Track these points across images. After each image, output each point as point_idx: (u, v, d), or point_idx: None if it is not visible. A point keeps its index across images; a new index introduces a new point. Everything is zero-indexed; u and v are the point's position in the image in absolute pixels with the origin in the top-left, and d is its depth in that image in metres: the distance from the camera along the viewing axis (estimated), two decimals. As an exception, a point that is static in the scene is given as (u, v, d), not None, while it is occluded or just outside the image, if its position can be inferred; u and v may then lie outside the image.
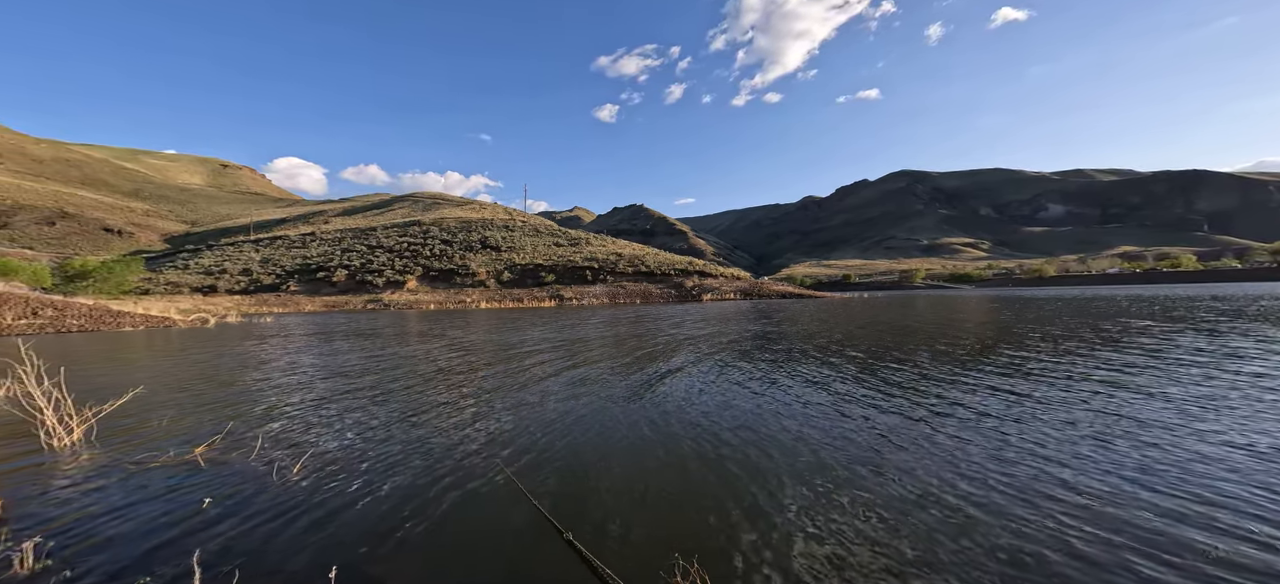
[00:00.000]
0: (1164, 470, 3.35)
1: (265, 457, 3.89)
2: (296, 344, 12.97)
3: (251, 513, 2.94)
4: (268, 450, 4.05)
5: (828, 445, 4.01)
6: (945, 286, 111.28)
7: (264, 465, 3.70)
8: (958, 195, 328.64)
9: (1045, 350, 8.94)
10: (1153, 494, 3.00)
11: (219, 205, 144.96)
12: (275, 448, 4.14)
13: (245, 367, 8.92)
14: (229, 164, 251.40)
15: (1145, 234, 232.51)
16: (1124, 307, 21.42)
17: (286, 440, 4.35)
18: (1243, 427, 4.24)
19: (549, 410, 5.33)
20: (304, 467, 3.64)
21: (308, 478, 3.44)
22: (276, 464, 3.70)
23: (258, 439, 4.32)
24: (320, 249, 68.69)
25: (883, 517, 2.78)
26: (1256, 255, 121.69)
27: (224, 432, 4.56)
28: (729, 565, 2.34)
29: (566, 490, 3.23)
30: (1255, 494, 2.95)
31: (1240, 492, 2.99)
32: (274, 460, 3.79)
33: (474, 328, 17.66)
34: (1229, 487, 3.06)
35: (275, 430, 4.67)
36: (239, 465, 3.73)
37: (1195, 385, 5.84)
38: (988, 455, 3.71)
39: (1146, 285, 68.07)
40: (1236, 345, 8.80)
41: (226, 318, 26.92)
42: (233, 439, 4.38)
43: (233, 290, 54.79)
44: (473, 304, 45.13)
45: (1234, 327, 11.81)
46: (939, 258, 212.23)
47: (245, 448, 4.12)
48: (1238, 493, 2.97)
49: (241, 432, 4.61)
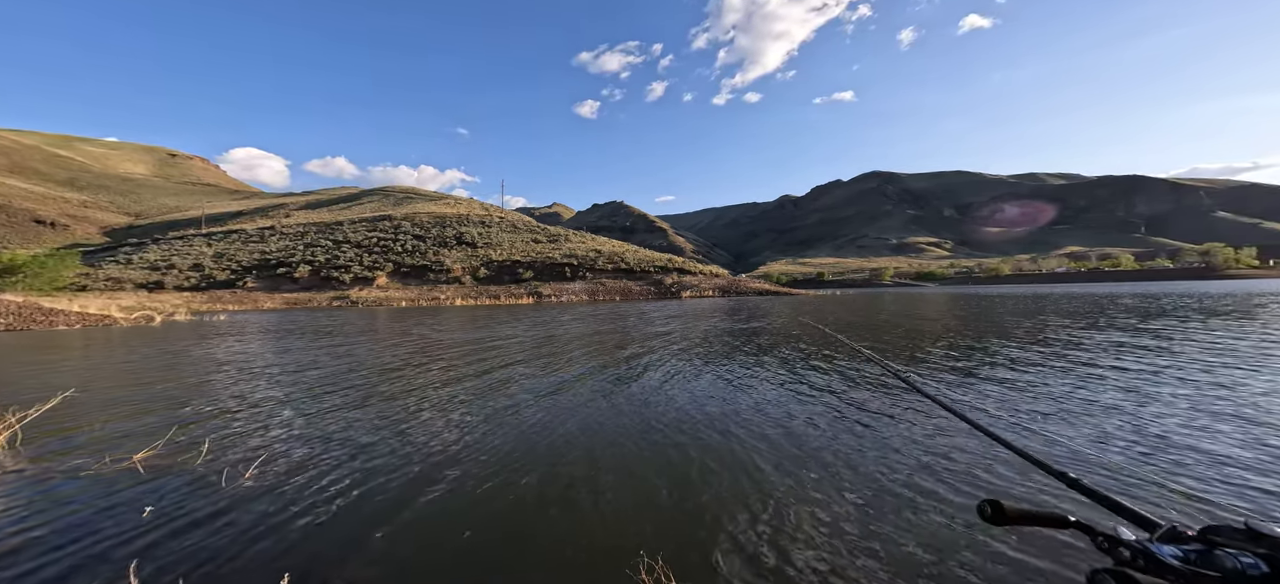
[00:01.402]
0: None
1: (214, 462, 3.65)
2: (251, 343, 12.27)
3: (197, 521, 2.75)
4: (217, 456, 3.80)
5: (799, 438, 4.11)
6: (912, 285, 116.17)
7: (212, 471, 3.47)
8: (924, 196, 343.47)
9: (984, 350, 9.46)
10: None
11: (166, 196, 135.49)
12: (225, 453, 3.89)
13: (193, 367, 8.36)
14: (178, 154, 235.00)
15: (1090, 235, 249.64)
16: (1062, 305, 22.93)
17: (238, 445, 4.09)
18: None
19: (522, 410, 5.24)
20: (257, 472, 3.43)
21: (261, 484, 3.25)
22: (226, 470, 3.47)
23: (205, 444, 4.05)
24: (281, 244, 65.19)
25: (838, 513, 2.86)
26: (1187, 256, 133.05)
27: (167, 436, 4.26)
28: (696, 561, 2.36)
29: (538, 491, 3.18)
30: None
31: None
32: (223, 466, 3.56)
33: (447, 326, 17.18)
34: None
35: (226, 434, 4.39)
36: (184, 471, 3.48)
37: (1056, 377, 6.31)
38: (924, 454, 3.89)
39: (1089, 283, 73.24)
40: (1117, 341, 9.56)
41: (174, 316, 25.21)
42: (177, 444, 4.09)
43: (182, 287, 51.34)
44: (447, 301, 43.92)
45: (1133, 324, 12.81)
46: (906, 257, 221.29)
47: (191, 453, 3.86)
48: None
49: (187, 436, 4.32)
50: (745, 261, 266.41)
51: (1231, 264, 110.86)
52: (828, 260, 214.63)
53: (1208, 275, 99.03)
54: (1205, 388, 5.54)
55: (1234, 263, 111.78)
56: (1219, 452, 3.58)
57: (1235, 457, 3.49)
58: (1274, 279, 78.83)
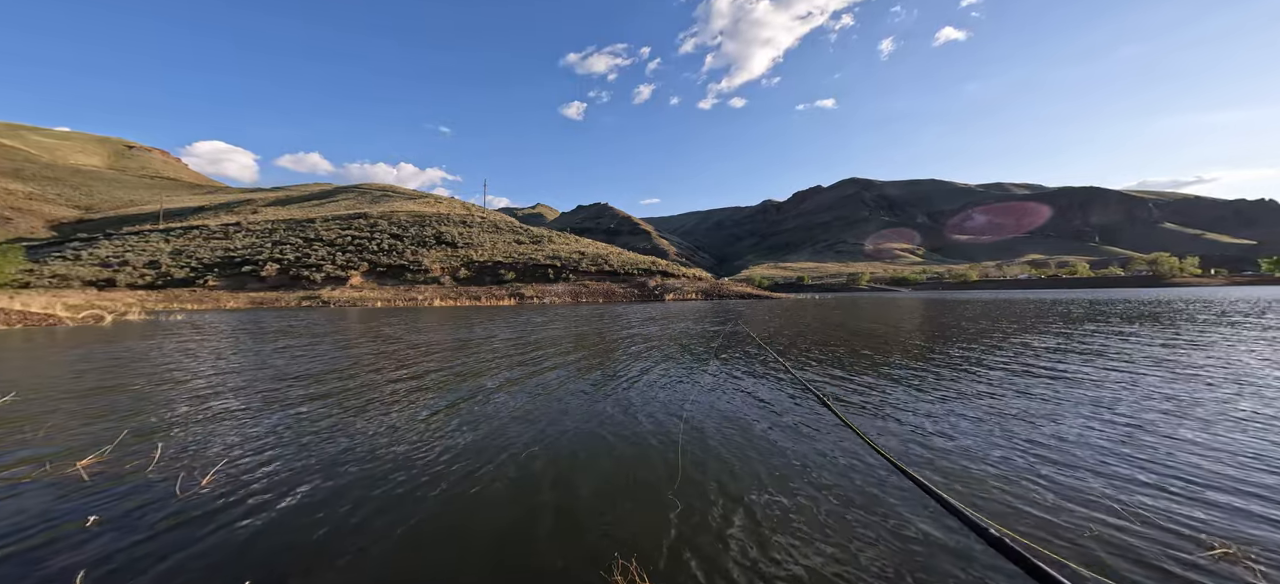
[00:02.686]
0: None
1: (167, 469, 3.46)
2: (211, 345, 11.68)
3: (149, 531, 2.61)
4: (170, 462, 3.61)
5: (776, 441, 4.19)
6: (887, 289, 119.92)
7: (165, 479, 3.29)
8: (899, 203, 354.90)
9: (946, 357, 9.87)
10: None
11: (121, 190, 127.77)
12: (180, 459, 3.69)
13: (145, 369, 7.91)
14: (135, 145, 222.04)
15: (1050, 244, 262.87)
16: (1026, 308, 24.07)
17: (193, 451, 3.89)
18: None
19: (496, 412, 5.17)
20: (215, 479, 3.28)
21: (218, 491, 3.10)
22: (180, 477, 3.30)
23: (158, 450, 3.83)
24: (247, 241, 62.39)
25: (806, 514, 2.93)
26: (1136, 264, 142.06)
27: (116, 441, 4.02)
28: (667, 564, 2.38)
29: (510, 495, 3.14)
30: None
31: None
32: (177, 473, 3.38)
33: (424, 327, 16.76)
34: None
35: (180, 440, 4.17)
36: (134, 479, 3.29)
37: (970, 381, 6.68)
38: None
39: (1048, 290, 77.27)
40: (1044, 345, 10.16)
41: (127, 315, 23.77)
42: (126, 450, 3.86)
43: (136, 285, 48.49)
44: (425, 302, 42.86)
45: (1071, 328, 13.61)
46: (882, 262, 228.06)
47: (141, 459, 3.65)
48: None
49: (137, 442, 4.08)
50: (728, 265, 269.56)
51: (1176, 272, 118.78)
52: (808, 265, 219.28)
53: (1154, 283, 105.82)
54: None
55: (1178, 271, 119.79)
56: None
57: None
58: (1214, 286, 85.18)
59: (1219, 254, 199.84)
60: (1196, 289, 65.99)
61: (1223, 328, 12.59)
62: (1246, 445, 3.79)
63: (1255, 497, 2.91)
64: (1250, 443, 3.84)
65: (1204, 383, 6.04)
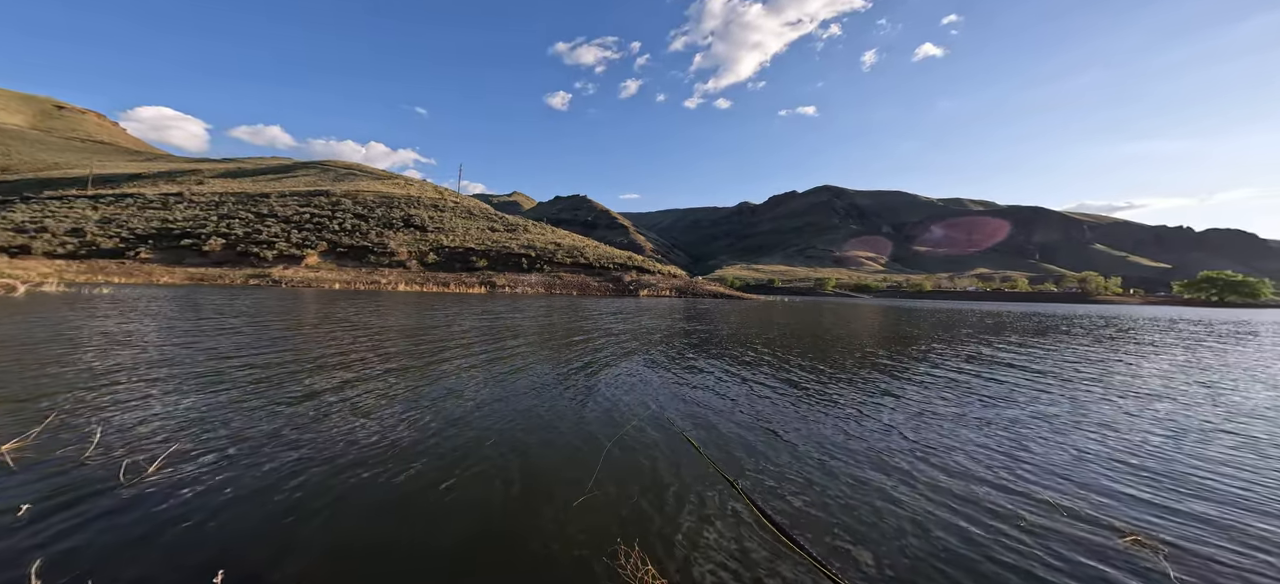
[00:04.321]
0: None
1: (107, 454, 3.20)
2: (143, 321, 10.75)
3: (90, 519, 2.41)
4: (110, 447, 3.33)
5: (747, 431, 4.33)
6: (850, 295, 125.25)
7: (105, 464, 3.04)
8: (867, 213, 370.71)
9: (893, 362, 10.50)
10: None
11: (45, 152, 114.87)
12: (120, 443, 3.41)
13: (69, 345, 7.21)
14: (66, 106, 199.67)
15: (998, 259, 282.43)
16: (969, 319, 25.82)
17: (136, 434, 3.60)
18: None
19: (464, 400, 5.06)
20: (162, 466, 3.05)
21: (169, 479, 2.89)
22: (123, 463, 3.05)
23: (96, 433, 3.53)
24: (189, 212, 57.56)
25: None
26: (1068, 282, 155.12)
27: (44, 424, 3.66)
28: (669, 549, 2.43)
29: (480, 486, 3.10)
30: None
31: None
32: (119, 458, 3.12)
33: (387, 312, 16.08)
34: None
35: (120, 422, 3.85)
36: (70, 465, 3.02)
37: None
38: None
39: (992, 302, 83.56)
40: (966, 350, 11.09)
41: (42, 286, 21.50)
42: (57, 434, 3.52)
43: (55, 253, 43.82)
44: (389, 286, 41.04)
45: (985, 336, 14.84)
46: (847, 269, 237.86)
47: (78, 444, 3.35)
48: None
49: (69, 424, 3.74)
50: (703, 264, 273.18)
51: (1102, 291, 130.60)
52: (779, 268, 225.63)
53: (1083, 299, 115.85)
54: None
55: (1104, 290, 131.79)
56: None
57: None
58: (1131, 304, 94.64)
59: (1139, 275, 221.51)
60: (1116, 307, 73.06)
61: (1127, 343, 14.03)
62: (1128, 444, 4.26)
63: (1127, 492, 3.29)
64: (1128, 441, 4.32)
65: (1084, 392, 6.73)
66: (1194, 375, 8.11)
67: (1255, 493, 3.28)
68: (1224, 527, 2.79)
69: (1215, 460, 3.89)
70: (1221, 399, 6.26)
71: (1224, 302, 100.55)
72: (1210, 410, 5.61)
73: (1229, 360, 10.17)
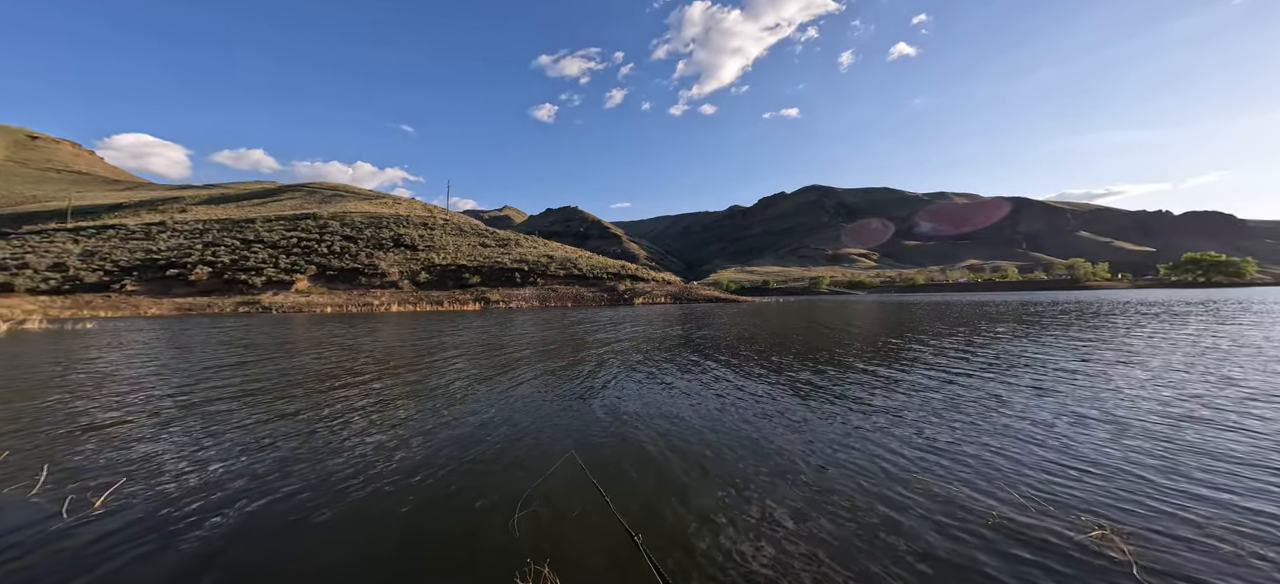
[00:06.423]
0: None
1: (53, 491, 2.87)
2: (121, 354, 10.30)
3: (32, 559, 2.10)
4: (57, 484, 3.00)
5: (741, 436, 4.08)
6: (844, 293, 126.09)
7: (50, 501, 2.71)
8: (856, 210, 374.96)
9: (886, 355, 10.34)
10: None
11: (21, 184, 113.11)
12: (69, 480, 3.08)
13: (37, 383, 6.80)
14: (41, 136, 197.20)
15: (986, 250, 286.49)
16: (963, 311, 25.92)
17: (86, 471, 3.27)
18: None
19: (446, 422, 4.76)
20: (109, 501, 2.73)
21: (115, 514, 2.57)
22: (68, 499, 2.73)
23: (42, 471, 3.19)
24: (173, 241, 56.65)
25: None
26: (1057, 269, 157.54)
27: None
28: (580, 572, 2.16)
29: (425, 502, 2.81)
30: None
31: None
32: (65, 495, 2.80)
33: (378, 333, 15.67)
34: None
35: (70, 460, 3.51)
36: (13, 501, 2.69)
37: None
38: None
39: (984, 292, 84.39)
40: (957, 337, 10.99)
41: (25, 323, 20.82)
42: (5, 471, 3.19)
43: (38, 290, 42.76)
44: (381, 307, 40.46)
45: (979, 326, 14.80)
46: (841, 266, 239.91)
47: (23, 482, 3.01)
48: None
49: (18, 461, 3.39)
50: (697, 269, 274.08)
51: (1090, 277, 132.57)
52: (773, 269, 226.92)
53: (1073, 286, 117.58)
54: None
55: (1092, 276, 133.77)
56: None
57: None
58: (1122, 289, 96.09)
59: (1124, 260, 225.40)
60: (1109, 292, 74.08)
61: (1154, 322, 14.01)
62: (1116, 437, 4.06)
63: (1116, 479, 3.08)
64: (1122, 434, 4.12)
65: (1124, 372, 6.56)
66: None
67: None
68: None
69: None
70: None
71: (1211, 282, 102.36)
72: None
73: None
